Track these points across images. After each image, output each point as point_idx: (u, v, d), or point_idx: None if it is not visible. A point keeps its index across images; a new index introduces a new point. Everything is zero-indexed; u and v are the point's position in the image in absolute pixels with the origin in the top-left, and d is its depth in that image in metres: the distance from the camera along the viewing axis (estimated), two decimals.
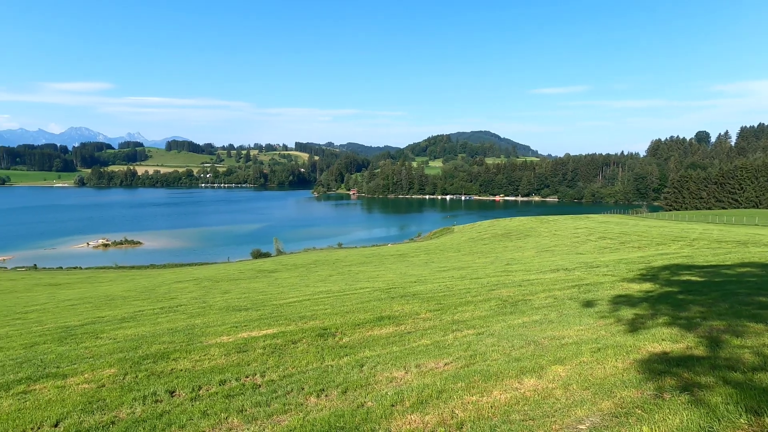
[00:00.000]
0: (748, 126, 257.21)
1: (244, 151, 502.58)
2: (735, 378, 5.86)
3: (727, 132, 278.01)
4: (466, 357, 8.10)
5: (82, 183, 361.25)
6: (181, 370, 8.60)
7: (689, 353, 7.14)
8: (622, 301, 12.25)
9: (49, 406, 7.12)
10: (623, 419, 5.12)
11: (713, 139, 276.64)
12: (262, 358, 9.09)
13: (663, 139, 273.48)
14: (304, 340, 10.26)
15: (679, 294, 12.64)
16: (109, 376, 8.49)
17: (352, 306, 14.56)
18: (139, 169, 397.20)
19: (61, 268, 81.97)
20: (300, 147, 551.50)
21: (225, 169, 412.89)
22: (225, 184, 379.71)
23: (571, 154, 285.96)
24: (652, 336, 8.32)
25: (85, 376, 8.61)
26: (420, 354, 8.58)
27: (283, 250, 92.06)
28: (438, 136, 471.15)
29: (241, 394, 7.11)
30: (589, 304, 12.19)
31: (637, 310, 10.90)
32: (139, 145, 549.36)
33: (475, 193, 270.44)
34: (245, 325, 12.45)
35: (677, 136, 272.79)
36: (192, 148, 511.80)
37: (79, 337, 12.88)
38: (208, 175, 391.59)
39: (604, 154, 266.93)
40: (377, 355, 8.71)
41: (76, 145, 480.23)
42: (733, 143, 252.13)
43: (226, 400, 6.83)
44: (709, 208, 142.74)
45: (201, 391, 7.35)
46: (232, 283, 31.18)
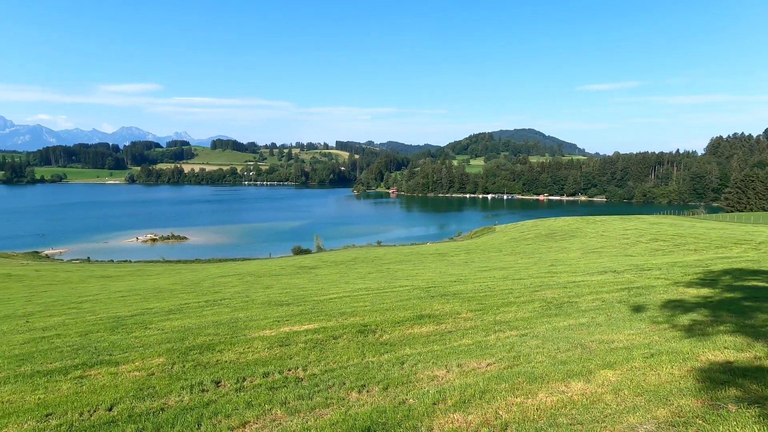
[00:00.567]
0: None
1: (286, 150, 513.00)
2: None
3: None
4: (509, 358, 7.96)
5: (132, 180, 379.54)
6: (226, 362, 8.88)
7: (758, 364, 6.70)
8: (677, 306, 11.67)
9: (104, 391, 7.52)
10: (681, 429, 4.87)
11: None
12: (304, 352, 9.26)
13: (725, 136, 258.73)
14: (345, 336, 10.38)
15: (743, 300, 11.89)
16: (158, 365, 8.87)
17: (392, 304, 14.60)
18: (186, 167, 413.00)
19: (112, 261, 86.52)
20: (340, 146, 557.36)
21: (267, 167, 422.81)
22: (267, 181, 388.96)
23: (621, 153, 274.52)
24: (713, 343, 7.87)
25: (136, 364, 9.04)
26: (461, 353, 8.50)
27: (323, 247, 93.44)
28: (480, 134, 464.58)
29: (284, 386, 7.27)
30: (639, 308, 11.69)
31: (695, 315, 10.36)
32: (186, 143, 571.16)
33: (518, 192, 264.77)
34: (287, 320, 12.71)
35: (741, 133, 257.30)
36: (236, 146, 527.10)
37: (129, 327, 13.54)
38: (251, 173, 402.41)
39: (657, 153, 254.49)
40: (418, 353, 8.70)
41: (127, 144, 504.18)
42: None
43: (270, 392, 7.00)
44: None
45: (245, 383, 7.57)
46: (274, 279, 31.92)
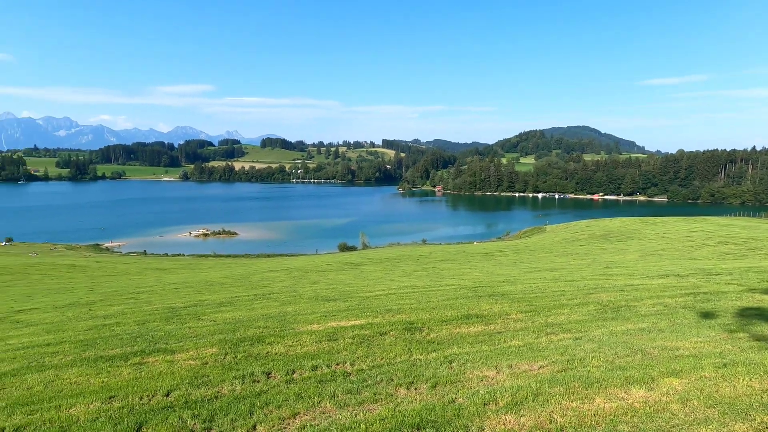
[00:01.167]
0: None
1: (333, 148, 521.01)
2: None
3: None
4: (562, 361, 7.71)
5: (185, 177, 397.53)
6: (276, 354, 9.12)
7: None
8: (753, 314, 10.89)
9: (161, 378, 7.90)
10: None
11: None
12: (352, 347, 9.35)
13: None
14: (392, 333, 10.40)
15: None
16: (211, 354, 9.23)
17: (438, 302, 14.50)
18: (237, 165, 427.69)
19: (167, 254, 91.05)
20: (387, 144, 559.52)
21: (315, 165, 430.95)
22: (314, 179, 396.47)
23: (686, 150, 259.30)
24: None
25: (191, 353, 9.44)
26: (511, 355, 8.32)
27: (369, 245, 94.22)
28: (530, 131, 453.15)
29: (333, 380, 7.38)
30: (708, 315, 11.00)
31: None
32: (237, 142, 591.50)
33: (571, 192, 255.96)
34: (334, 315, 12.89)
35: None
36: (284, 145, 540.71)
37: (183, 317, 14.16)
38: (299, 171, 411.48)
39: (728, 150, 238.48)
40: (466, 353, 8.59)
41: (181, 142, 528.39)
42: None
43: (319, 385, 7.12)
44: None
45: (295, 375, 7.74)
46: (321, 275, 32.50)
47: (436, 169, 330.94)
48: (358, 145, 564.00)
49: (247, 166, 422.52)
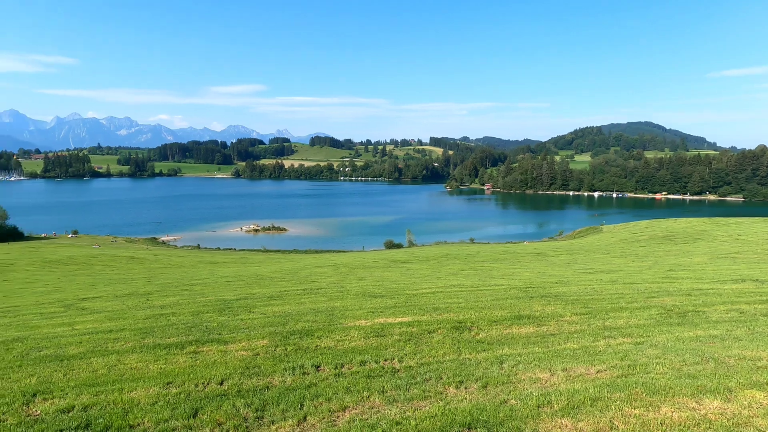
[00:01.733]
0: None
1: (380, 147, 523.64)
2: None
3: None
4: (622, 366, 7.37)
5: (237, 174, 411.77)
6: (325, 348, 9.26)
7: None
8: None
9: (215, 367, 8.21)
10: None
11: None
12: (399, 344, 9.36)
13: None
14: (440, 331, 10.33)
15: None
16: (263, 346, 9.49)
17: (487, 302, 14.27)
18: (286, 163, 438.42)
19: (219, 248, 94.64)
20: (434, 142, 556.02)
21: (362, 163, 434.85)
22: (362, 177, 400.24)
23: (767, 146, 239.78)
24: None
25: (243, 344, 9.75)
26: (566, 358, 8.04)
27: (415, 242, 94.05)
28: (586, 128, 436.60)
29: (381, 376, 7.40)
30: None
31: None
32: (287, 140, 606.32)
33: (630, 190, 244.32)
34: (381, 312, 12.95)
35: None
36: (333, 143, 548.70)
37: (235, 309, 14.66)
38: (346, 169, 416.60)
39: None
40: (518, 354, 8.40)
41: (234, 141, 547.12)
42: None
43: (367, 380, 7.17)
44: None
45: (343, 369, 7.83)
46: (367, 271, 32.76)
47: (485, 167, 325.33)
48: (405, 143, 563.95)
49: (296, 164, 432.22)
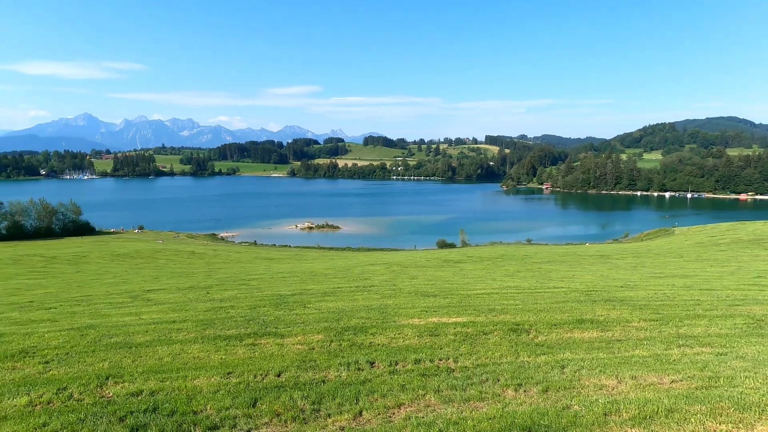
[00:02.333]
0: None
1: (434, 146, 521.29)
2: None
3: None
4: (702, 378, 6.90)
5: (293, 173, 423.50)
6: (379, 345, 9.32)
7: None
8: None
9: (273, 359, 8.46)
10: None
11: None
12: (454, 344, 9.26)
13: None
14: (496, 333, 10.14)
15: None
16: (318, 341, 9.69)
17: (546, 305, 13.86)
18: (340, 162, 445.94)
19: (275, 245, 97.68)
20: (490, 140, 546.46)
21: (415, 162, 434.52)
22: (414, 176, 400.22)
23: None
24: None
25: (298, 338, 9.99)
26: (635, 365, 7.64)
27: (469, 242, 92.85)
28: (657, 124, 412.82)
29: (436, 375, 7.36)
30: None
31: None
32: (341, 140, 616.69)
33: (708, 190, 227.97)
34: (435, 311, 12.88)
35: None
36: (386, 143, 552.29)
37: (290, 304, 15.06)
38: (399, 168, 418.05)
39: None
40: (580, 359, 8.08)
41: (290, 141, 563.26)
42: None
43: (422, 379, 7.15)
44: None
45: (398, 366, 7.84)
46: (419, 270, 32.66)
47: (544, 165, 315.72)
48: (459, 141, 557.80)
49: (349, 164, 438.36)
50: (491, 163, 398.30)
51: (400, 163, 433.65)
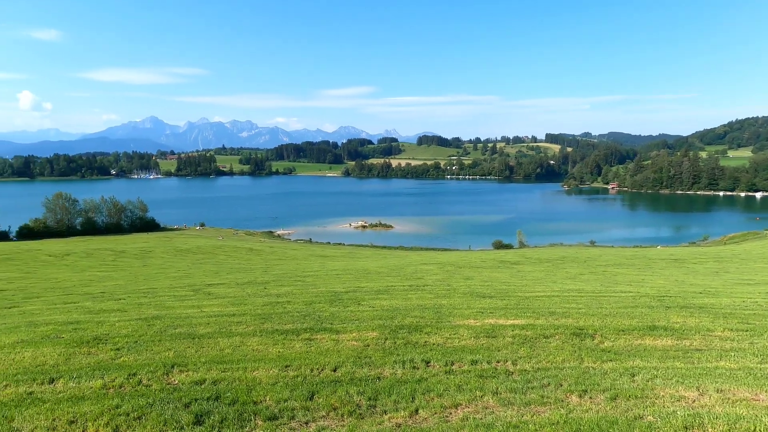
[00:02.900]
0: None
1: (490, 144, 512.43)
2: None
3: None
4: None
5: (347, 173, 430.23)
6: (434, 344, 9.26)
7: None
8: None
9: (328, 354, 8.60)
10: None
11: None
12: (512, 346, 9.05)
13: None
14: (557, 336, 9.81)
15: None
16: (372, 338, 9.76)
17: (611, 309, 13.28)
18: (393, 162, 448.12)
19: (329, 243, 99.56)
20: (550, 138, 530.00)
21: (470, 161, 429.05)
22: (469, 176, 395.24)
23: None
24: None
25: (353, 335, 10.11)
26: (720, 377, 7.13)
27: (527, 243, 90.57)
28: (746, 119, 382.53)
29: (494, 377, 7.20)
30: None
31: None
32: (394, 140, 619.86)
33: None
34: (491, 312, 12.65)
35: None
36: (440, 142, 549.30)
37: (344, 301, 15.28)
38: (453, 167, 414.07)
39: None
40: (653, 368, 7.64)
41: (344, 141, 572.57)
42: None
43: (480, 380, 7.02)
44: None
45: (454, 367, 7.75)
46: (474, 271, 32.19)
47: (610, 164, 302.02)
48: (517, 140, 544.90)
49: (403, 163, 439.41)
50: (551, 162, 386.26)
51: (455, 162, 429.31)
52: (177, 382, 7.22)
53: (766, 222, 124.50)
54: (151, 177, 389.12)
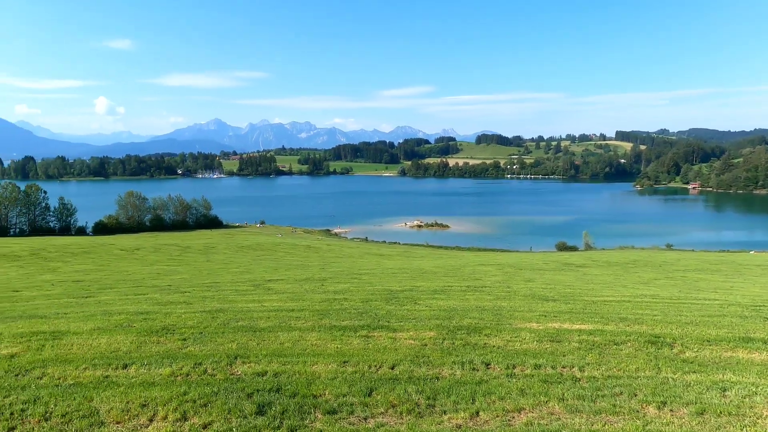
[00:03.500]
0: None
1: (554, 143, 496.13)
2: None
3: None
4: None
5: (403, 173, 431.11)
6: (494, 347, 9.07)
7: None
8: None
9: (386, 352, 8.64)
10: None
11: None
12: (579, 352, 8.70)
13: None
14: (630, 344, 9.33)
15: None
16: (430, 338, 9.70)
17: (693, 317, 12.47)
18: (451, 161, 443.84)
19: (385, 242, 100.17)
20: (621, 136, 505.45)
21: (532, 160, 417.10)
22: (531, 175, 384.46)
23: None
24: None
25: (410, 333, 10.10)
26: None
27: (593, 246, 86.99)
28: None
29: (559, 383, 6.95)
30: None
31: None
32: (452, 139, 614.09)
33: None
34: (555, 316, 12.24)
35: None
36: (500, 141, 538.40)
37: (401, 300, 15.30)
38: (514, 167, 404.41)
39: None
40: (750, 384, 7.08)
41: (401, 141, 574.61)
42: None
43: (544, 385, 6.80)
44: None
45: (515, 370, 7.55)
46: (536, 273, 31.27)
47: (692, 162, 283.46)
48: (584, 138, 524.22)
49: (460, 163, 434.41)
50: (622, 160, 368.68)
51: (516, 161, 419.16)
52: (240, 372, 7.50)
53: None
54: (215, 176, 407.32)
